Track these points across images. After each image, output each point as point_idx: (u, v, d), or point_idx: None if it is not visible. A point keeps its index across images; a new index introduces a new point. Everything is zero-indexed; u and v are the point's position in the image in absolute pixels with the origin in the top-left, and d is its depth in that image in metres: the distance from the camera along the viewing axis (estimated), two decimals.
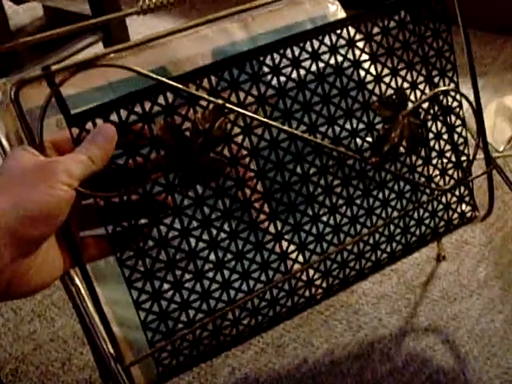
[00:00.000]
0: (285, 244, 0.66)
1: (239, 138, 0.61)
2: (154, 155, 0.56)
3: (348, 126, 0.66)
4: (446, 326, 0.88)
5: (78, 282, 0.65)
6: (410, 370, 0.83)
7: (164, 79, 0.56)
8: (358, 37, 0.65)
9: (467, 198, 0.79)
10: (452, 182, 0.76)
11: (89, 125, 0.54)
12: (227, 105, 0.58)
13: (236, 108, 0.58)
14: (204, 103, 0.58)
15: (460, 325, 0.88)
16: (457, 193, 0.77)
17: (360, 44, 0.66)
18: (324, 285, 0.71)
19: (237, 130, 0.60)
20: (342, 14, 0.86)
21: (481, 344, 0.85)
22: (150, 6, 0.68)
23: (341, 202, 0.68)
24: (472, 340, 0.86)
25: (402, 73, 0.69)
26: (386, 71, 0.67)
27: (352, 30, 0.65)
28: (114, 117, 0.55)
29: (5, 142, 0.65)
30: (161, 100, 0.57)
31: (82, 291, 0.64)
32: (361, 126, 0.67)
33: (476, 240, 0.98)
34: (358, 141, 0.67)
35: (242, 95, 0.60)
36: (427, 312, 0.89)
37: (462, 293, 0.92)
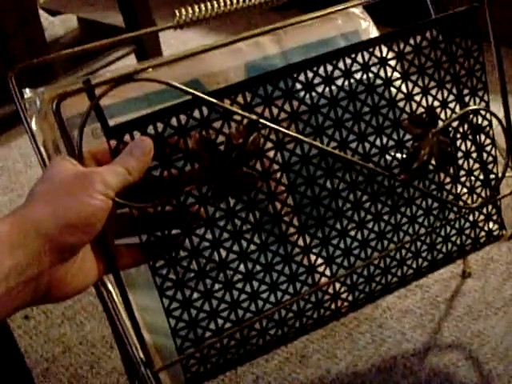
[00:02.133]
0: (313, 257, 0.66)
1: (271, 153, 0.61)
2: (189, 168, 0.57)
3: (378, 142, 0.67)
4: (470, 342, 0.87)
5: (111, 288, 0.66)
6: None
7: (200, 94, 0.57)
8: (390, 55, 0.66)
9: (495, 217, 0.78)
10: (480, 200, 0.75)
11: (126, 137, 0.55)
12: (261, 120, 0.59)
13: (269, 124, 0.59)
14: (238, 118, 0.59)
15: (484, 342, 0.87)
16: (484, 211, 0.77)
17: (392, 62, 0.66)
18: (350, 298, 0.71)
19: (269, 144, 0.61)
20: (373, 31, 0.86)
21: (504, 362, 0.84)
22: (187, 20, 0.69)
23: (369, 217, 0.68)
24: (496, 358, 0.85)
25: (433, 91, 0.69)
26: (416, 89, 0.68)
27: (384, 49, 0.66)
28: (150, 129, 0.56)
29: (43, 151, 0.66)
30: (196, 114, 0.58)
31: (115, 297, 0.65)
32: (391, 143, 0.67)
33: (502, 258, 0.98)
34: (388, 157, 0.67)
35: (275, 111, 0.61)
36: (451, 328, 0.89)
37: (486, 310, 0.91)
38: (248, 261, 0.62)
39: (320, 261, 0.67)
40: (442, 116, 0.70)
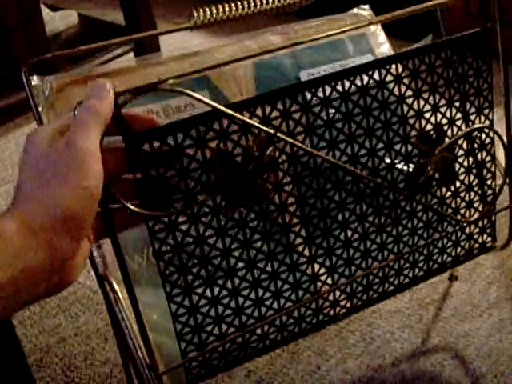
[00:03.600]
0: (316, 266, 0.67)
1: (284, 164, 0.61)
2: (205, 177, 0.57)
3: (387, 157, 0.67)
4: (456, 343, 0.89)
5: (116, 287, 0.66)
6: (419, 383, 0.85)
7: (220, 107, 0.56)
8: (401, 72, 0.65)
9: (489, 230, 0.79)
10: (477, 214, 0.76)
11: (145, 146, 0.54)
12: (279, 134, 0.58)
13: (287, 138, 0.59)
14: (256, 130, 0.58)
15: (469, 343, 0.89)
16: (480, 224, 0.78)
17: (405, 79, 0.66)
18: (348, 305, 0.72)
19: (282, 155, 0.61)
20: (381, 35, 0.86)
21: (488, 362, 0.86)
22: (204, 21, 0.68)
23: (372, 229, 0.69)
24: (480, 358, 0.87)
25: (442, 109, 0.69)
26: (427, 107, 0.68)
27: (400, 66, 0.65)
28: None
29: None
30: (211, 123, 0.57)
31: (121, 297, 0.65)
32: (398, 158, 0.67)
33: (488, 262, 0.99)
34: (395, 173, 0.67)
35: (289, 122, 0.60)
36: (438, 329, 0.91)
37: (472, 312, 0.93)
38: (255, 269, 0.62)
39: (322, 270, 0.67)
40: (449, 133, 0.70)
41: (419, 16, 0.68)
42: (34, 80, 0.70)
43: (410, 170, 0.68)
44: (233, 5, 0.69)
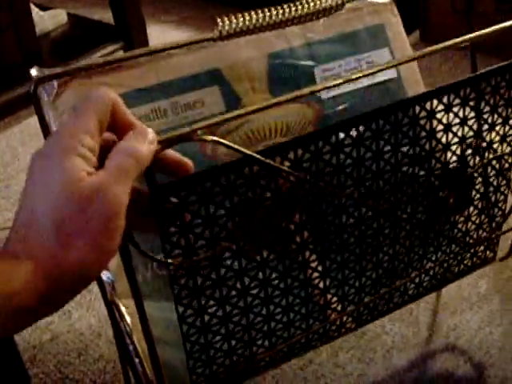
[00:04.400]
0: (329, 296, 0.65)
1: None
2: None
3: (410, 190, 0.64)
4: (447, 335, 0.90)
5: (125, 313, 0.64)
6: (410, 376, 0.86)
7: (251, 153, 0.52)
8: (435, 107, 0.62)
9: (492, 246, 0.79)
10: (484, 234, 0.75)
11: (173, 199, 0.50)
12: (308, 178, 0.55)
13: (318, 182, 0.55)
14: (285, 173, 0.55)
15: (459, 335, 0.90)
16: (485, 243, 0.77)
17: (438, 115, 0.62)
18: (353, 326, 0.71)
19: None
20: (400, 26, 0.81)
21: (479, 354, 0.88)
22: (230, 31, 0.63)
23: (386, 257, 0.67)
24: (471, 350, 0.89)
25: (468, 140, 0.66)
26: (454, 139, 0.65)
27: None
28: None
29: None
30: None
31: (128, 321, 0.63)
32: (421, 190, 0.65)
33: None
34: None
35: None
36: (429, 322, 0.92)
37: (462, 305, 0.94)
38: (270, 304, 0.61)
39: (334, 299, 0.66)
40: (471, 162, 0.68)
41: (406, 11, 0.64)
42: (34, 72, 0.64)
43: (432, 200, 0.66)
44: (260, 12, 0.64)
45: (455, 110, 0.63)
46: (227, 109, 0.72)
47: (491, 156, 0.69)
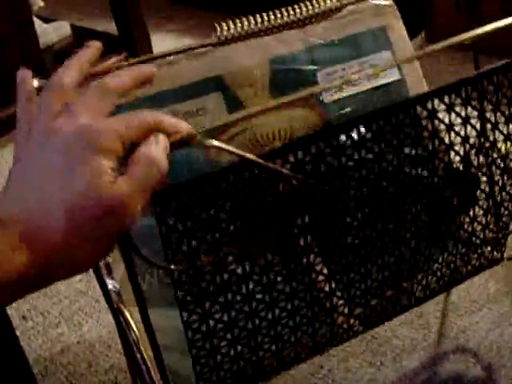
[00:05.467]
0: (335, 299, 0.65)
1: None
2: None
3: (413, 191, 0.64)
4: (457, 337, 0.89)
5: (130, 320, 0.63)
6: (421, 378, 0.85)
7: (251, 156, 0.51)
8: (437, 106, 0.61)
9: (499, 247, 0.78)
10: (490, 234, 0.74)
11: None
12: (310, 181, 0.54)
13: (318, 185, 0.55)
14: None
15: (469, 337, 0.89)
16: (491, 243, 0.76)
17: (440, 115, 0.62)
18: (361, 329, 0.70)
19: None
20: (402, 29, 0.80)
21: (490, 355, 0.87)
22: (228, 36, 0.62)
23: (391, 259, 0.66)
24: (481, 352, 0.87)
25: (472, 140, 0.65)
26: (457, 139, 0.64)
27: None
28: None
29: None
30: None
31: (135, 328, 0.62)
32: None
33: None
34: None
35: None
36: (438, 324, 0.91)
37: (472, 307, 0.93)
38: (276, 308, 0.60)
39: (340, 302, 0.65)
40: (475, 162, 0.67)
41: (412, 12, 0.63)
42: (35, 83, 0.64)
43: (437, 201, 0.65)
44: (258, 17, 0.64)
45: (457, 109, 0.62)
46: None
47: (495, 155, 0.68)
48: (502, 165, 0.69)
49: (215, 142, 0.49)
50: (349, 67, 0.78)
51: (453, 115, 0.62)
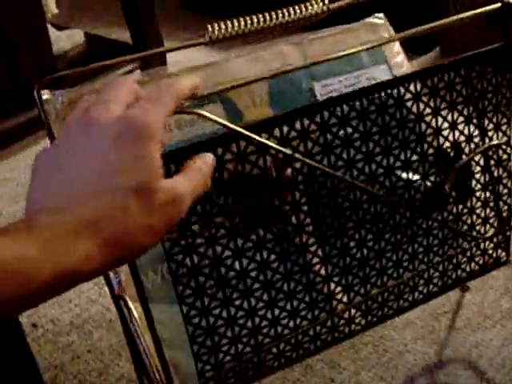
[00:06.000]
0: (332, 285, 0.65)
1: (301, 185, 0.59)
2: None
3: (404, 174, 0.65)
4: (469, 353, 0.87)
5: (131, 306, 0.64)
6: None
7: (238, 128, 0.54)
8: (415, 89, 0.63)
9: (503, 245, 0.78)
10: (492, 230, 0.74)
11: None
12: (296, 155, 0.56)
13: (305, 159, 0.57)
14: (273, 151, 0.56)
15: (482, 353, 0.87)
16: (494, 240, 0.76)
17: (424, 98, 0.64)
18: (363, 322, 0.70)
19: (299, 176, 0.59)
20: (396, 45, 0.83)
21: (502, 372, 0.84)
22: (219, 36, 0.66)
23: (388, 247, 0.67)
24: (493, 368, 0.85)
25: (460, 126, 0.67)
26: (444, 124, 0.66)
27: (418, 84, 0.63)
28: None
29: None
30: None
31: (136, 315, 0.64)
32: (416, 176, 0.66)
33: (500, 273, 0.97)
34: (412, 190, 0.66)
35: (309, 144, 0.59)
36: (450, 339, 0.89)
37: (485, 323, 0.91)
38: (272, 289, 0.61)
39: (338, 288, 0.66)
40: (466, 149, 0.68)
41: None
42: (45, 95, 0.68)
43: (427, 187, 0.66)
44: (248, 19, 0.68)
45: (442, 94, 0.64)
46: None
47: (486, 145, 0.69)
48: (495, 156, 0.71)
49: (204, 112, 0.52)
50: (346, 79, 0.81)
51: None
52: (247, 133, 0.54)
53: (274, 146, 0.55)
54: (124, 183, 0.38)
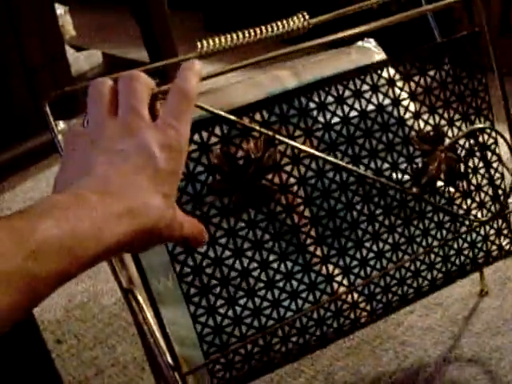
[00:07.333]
0: (330, 267, 0.67)
1: (288, 168, 0.63)
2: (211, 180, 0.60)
3: (389, 158, 0.68)
4: (489, 357, 0.86)
5: (139, 296, 0.68)
6: None
7: (221, 112, 0.59)
8: (397, 77, 0.68)
9: (505, 231, 0.79)
10: (490, 214, 0.76)
11: None
12: (277, 136, 0.61)
13: (285, 139, 0.61)
14: (256, 134, 0.61)
15: (502, 356, 0.86)
16: (495, 225, 0.77)
17: (399, 83, 0.68)
18: (368, 308, 0.71)
19: (286, 160, 0.63)
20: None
21: None
22: (208, 51, 0.72)
23: (383, 229, 0.69)
24: None
25: (440, 111, 0.70)
26: (424, 109, 0.70)
27: (392, 71, 0.68)
28: None
29: None
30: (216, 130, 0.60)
31: (143, 305, 0.67)
32: (401, 159, 0.69)
33: None
34: (399, 173, 0.69)
35: (289, 128, 0.63)
36: (470, 344, 0.88)
37: (504, 327, 0.90)
38: (269, 269, 0.64)
39: (337, 271, 0.68)
40: (450, 134, 0.71)
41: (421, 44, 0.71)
42: (61, 125, 0.74)
43: (414, 169, 0.69)
44: (234, 35, 0.74)
45: (416, 79, 0.68)
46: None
47: (470, 128, 0.72)
48: (480, 139, 0.73)
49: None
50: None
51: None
52: (230, 116, 0.59)
53: (256, 127, 0.60)
54: (167, 192, 0.44)
